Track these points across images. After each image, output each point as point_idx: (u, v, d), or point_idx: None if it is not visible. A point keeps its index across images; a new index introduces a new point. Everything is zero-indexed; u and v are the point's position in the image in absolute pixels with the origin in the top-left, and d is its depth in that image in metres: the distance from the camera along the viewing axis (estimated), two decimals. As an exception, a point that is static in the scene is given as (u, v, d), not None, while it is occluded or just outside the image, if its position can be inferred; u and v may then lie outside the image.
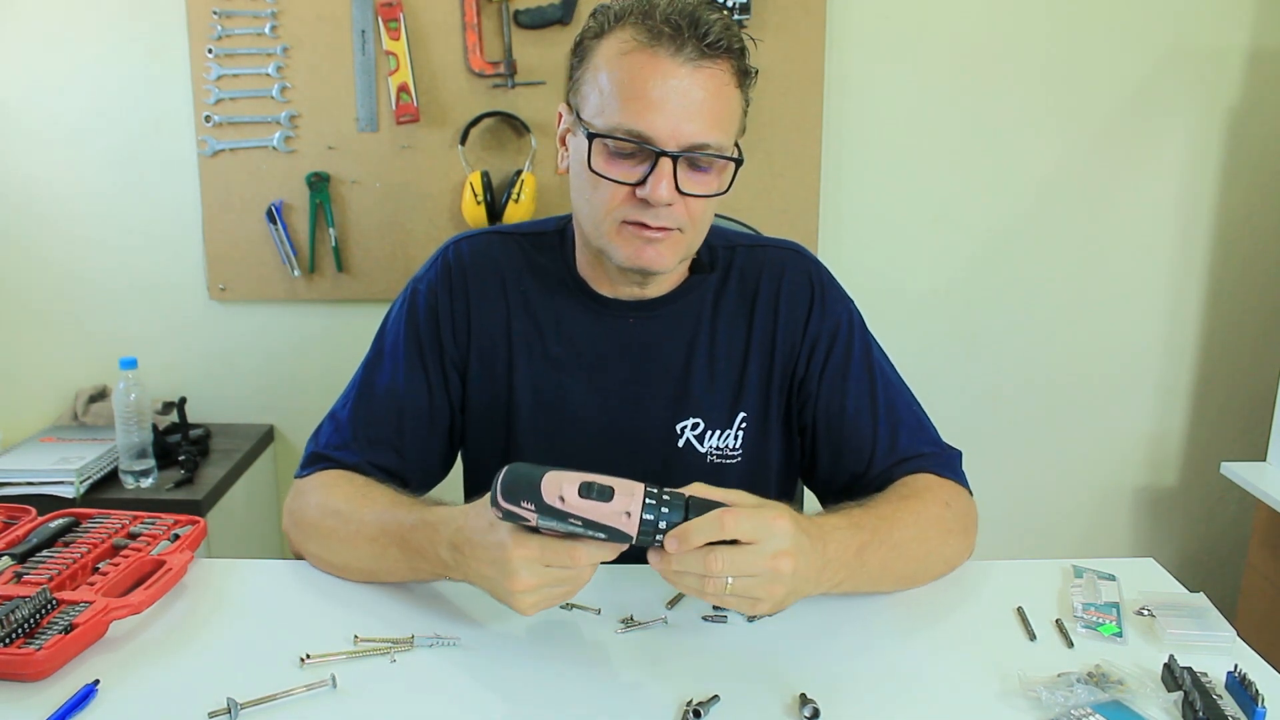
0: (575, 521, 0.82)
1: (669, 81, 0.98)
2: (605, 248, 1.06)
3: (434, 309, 1.17)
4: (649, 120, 0.98)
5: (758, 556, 0.83)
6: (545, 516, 0.83)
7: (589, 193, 1.04)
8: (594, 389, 1.15)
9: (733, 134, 1.04)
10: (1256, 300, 2.31)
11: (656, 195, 0.99)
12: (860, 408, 1.15)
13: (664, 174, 0.99)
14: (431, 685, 0.86)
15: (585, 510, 0.82)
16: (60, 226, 2.20)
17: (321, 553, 1.07)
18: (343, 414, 1.17)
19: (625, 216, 1.02)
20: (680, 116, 0.98)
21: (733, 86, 1.02)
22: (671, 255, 1.05)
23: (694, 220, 1.04)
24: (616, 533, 0.82)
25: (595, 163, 1.02)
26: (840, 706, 0.83)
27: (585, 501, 0.82)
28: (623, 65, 0.99)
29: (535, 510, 0.82)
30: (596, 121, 1.01)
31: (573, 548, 0.85)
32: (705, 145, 1.00)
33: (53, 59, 2.12)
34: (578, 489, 0.82)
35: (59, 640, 0.86)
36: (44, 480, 1.86)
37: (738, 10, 2.06)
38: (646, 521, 0.82)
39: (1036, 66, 2.17)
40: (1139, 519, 2.44)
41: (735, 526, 0.82)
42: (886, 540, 0.99)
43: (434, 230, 2.18)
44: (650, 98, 0.98)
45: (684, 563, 0.82)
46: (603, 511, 0.82)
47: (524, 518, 0.84)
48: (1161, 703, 0.84)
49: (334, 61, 2.12)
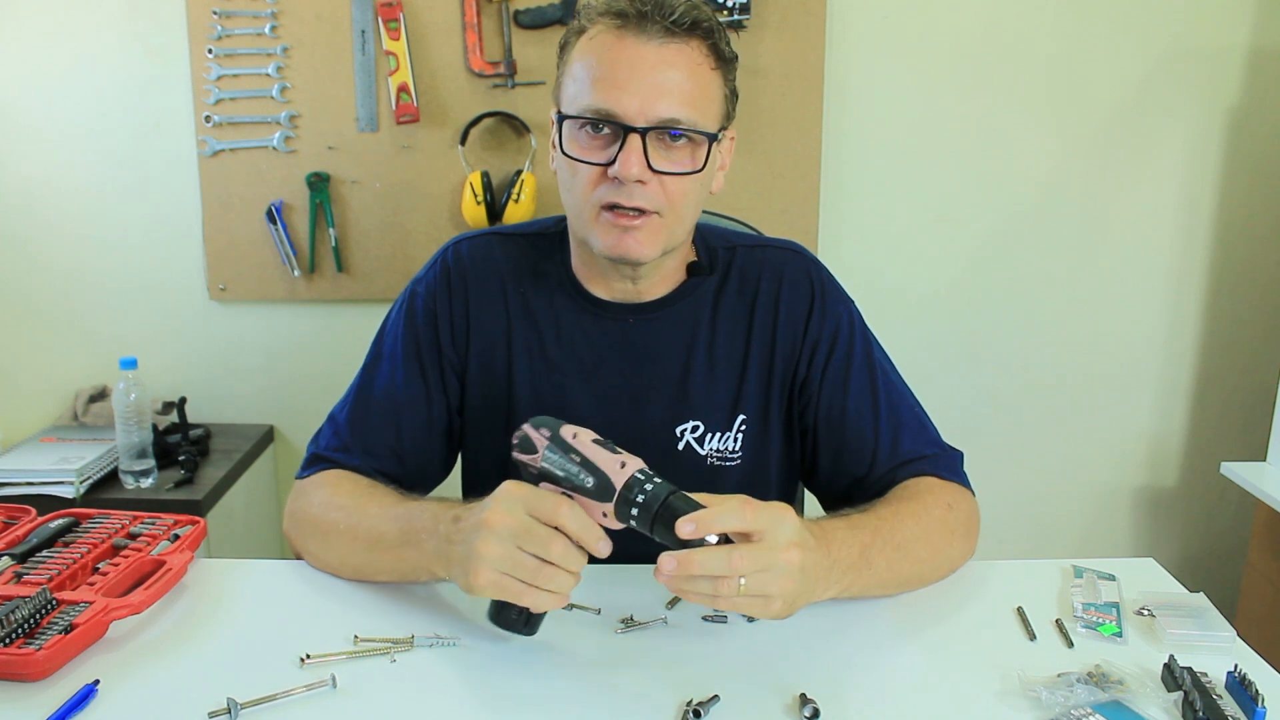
0: (575, 458, 0.88)
1: (635, 61, 0.99)
2: (588, 237, 1.07)
3: (433, 311, 1.17)
4: (615, 98, 0.99)
5: (770, 549, 0.82)
6: (552, 446, 0.89)
7: (569, 181, 1.06)
8: (593, 392, 1.15)
9: (709, 115, 1.04)
10: (1256, 300, 2.31)
11: (626, 171, 0.99)
12: (862, 409, 1.15)
13: (633, 149, 0.99)
14: (431, 685, 0.86)
15: (588, 450, 0.88)
16: (60, 226, 2.19)
17: (321, 550, 1.07)
18: (341, 416, 1.17)
19: (601, 200, 1.03)
20: (648, 93, 0.99)
21: (706, 67, 1.02)
22: (651, 243, 1.05)
23: (673, 203, 1.04)
24: (605, 481, 0.85)
25: (567, 145, 1.04)
26: (840, 706, 0.83)
27: (592, 445, 0.88)
28: (592, 50, 1.02)
29: (549, 439, 0.90)
30: (569, 109, 1.03)
31: (558, 499, 0.86)
32: (675, 120, 1.00)
33: (53, 59, 2.12)
34: (592, 437, 0.89)
35: (59, 640, 0.86)
36: (44, 480, 1.86)
37: (737, 10, 2.06)
38: (635, 480, 0.84)
39: (1037, 66, 2.17)
40: (1139, 519, 2.44)
41: (755, 518, 0.82)
42: (890, 540, 0.99)
43: (434, 230, 2.18)
44: (617, 77, 0.99)
45: (707, 562, 0.80)
46: (601, 456, 0.87)
47: (535, 445, 0.90)
48: (1161, 703, 0.84)
49: (334, 61, 2.12)
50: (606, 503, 0.86)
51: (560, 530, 0.85)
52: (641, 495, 0.84)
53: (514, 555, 0.85)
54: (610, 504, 0.86)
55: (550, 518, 0.85)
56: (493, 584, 0.86)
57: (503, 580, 0.86)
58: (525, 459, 0.91)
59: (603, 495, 0.86)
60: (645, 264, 1.08)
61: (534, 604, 0.87)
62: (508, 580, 0.86)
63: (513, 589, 0.86)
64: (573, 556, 0.86)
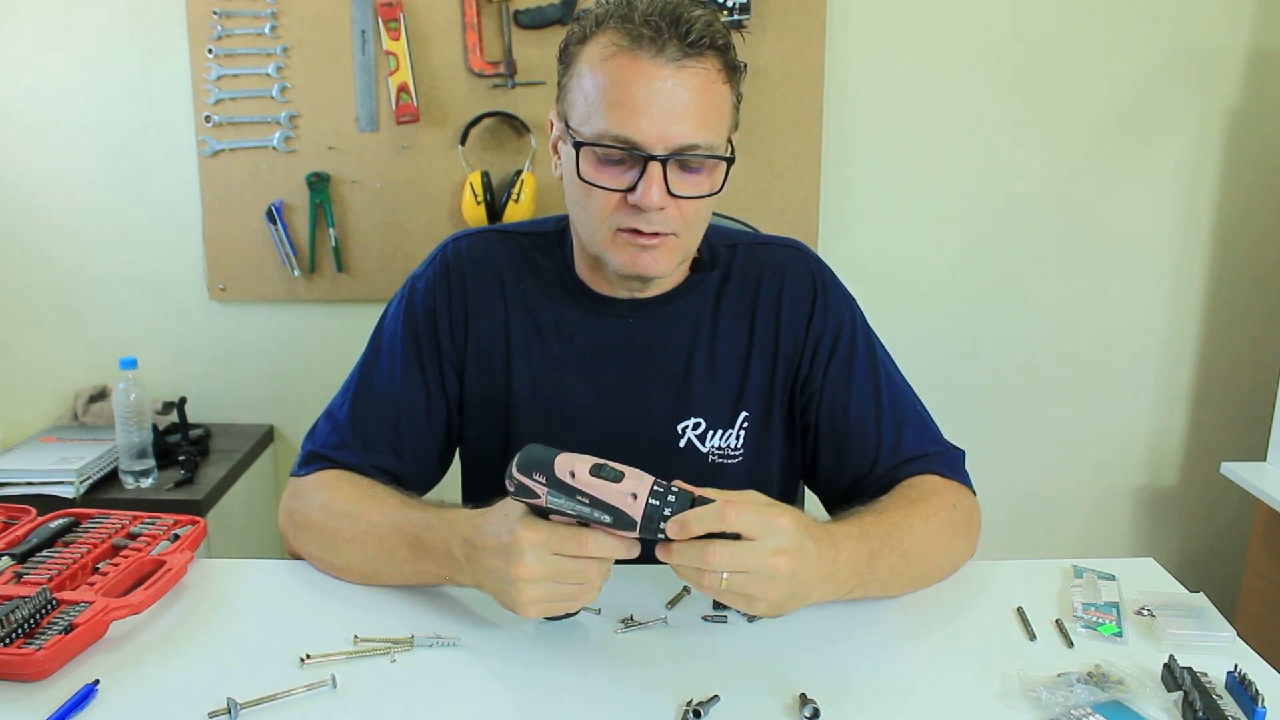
0: (583, 499, 0.83)
1: (653, 84, 0.97)
2: (602, 256, 1.06)
3: (432, 307, 1.17)
4: (635, 125, 0.97)
5: (756, 553, 0.83)
6: (555, 491, 0.84)
7: (583, 201, 1.04)
8: (594, 388, 1.15)
9: (723, 132, 1.03)
10: (1256, 300, 2.31)
11: (648, 201, 0.98)
12: (864, 407, 1.15)
13: (654, 178, 0.98)
14: (431, 685, 0.86)
15: (593, 488, 0.83)
16: (60, 226, 2.19)
17: (324, 554, 1.06)
18: (340, 413, 1.17)
19: (619, 224, 1.02)
20: (667, 119, 0.97)
21: (720, 83, 1.01)
22: (668, 260, 1.05)
23: (688, 223, 1.03)
24: (621, 516, 0.83)
25: (584, 171, 1.01)
26: (840, 706, 0.83)
27: (595, 479, 0.83)
28: (605, 70, 0.98)
29: (546, 484, 0.84)
30: (583, 129, 1.00)
31: (581, 533, 0.86)
32: (694, 146, 0.99)
33: (53, 58, 2.12)
34: (589, 468, 0.83)
35: (59, 640, 0.86)
36: (44, 480, 1.86)
37: (737, 10, 2.06)
38: (652, 506, 0.82)
39: (1037, 66, 2.17)
40: (1139, 519, 2.44)
41: (737, 519, 0.82)
42: (897, 547, 0.98)
43: (434, 230, 2.18)
44: (635, 102, 0.97)
45: (683, 554, 0.83)
46: (610, 491, 0.83)
47: (534, 491, 0.85)
48: (1161, 703, 0.84)
49: (334, 61, 2.12)
50: (630, 531, 0.85)
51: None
52: (664, 522, 0.83)
53: (554, 590, 0.88)
54: (634, 532, 0.85)
55: (578, 553, 0.86)
56: (542, 613, 0.91)
57: (550, 608, 0.90)
58: (528, 501, 0.88)
59: (624, 527, 0.84)
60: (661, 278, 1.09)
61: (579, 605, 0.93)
62: (553, 606, 0.90)
63: (559, 609, 0.92)
64: (606, 569, 0.90)
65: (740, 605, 0.86)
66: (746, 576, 0.83)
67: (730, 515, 0.82)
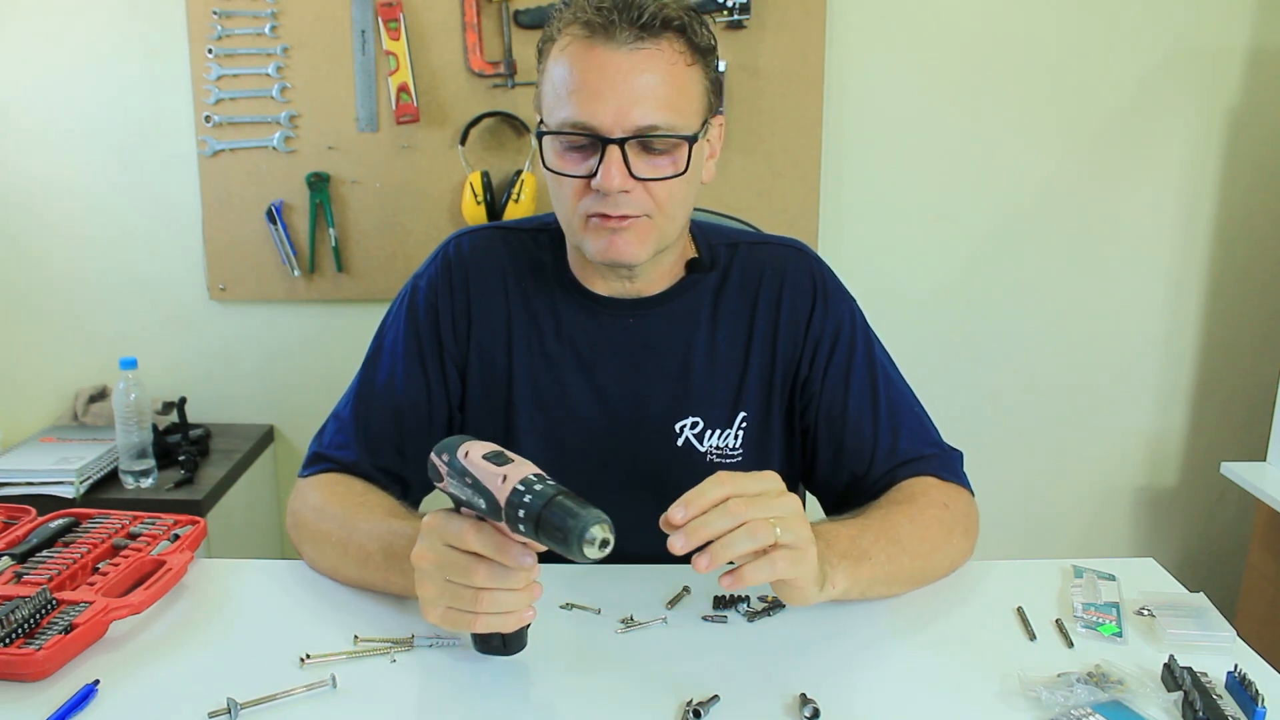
0: (468, 480, 0.81)
1: (606, 69, 0.98)
2: (580, 244, 1.07)
3: (434, 306, 1.17)
4: (591, 110, 0.98)
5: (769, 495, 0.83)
6: (452, 472, 0.83)
7: (556, 191, 1.06)
8: (593, 387, 1.15)
9: (689, 113, 1.02)
10: (1256, 300, 2.31)
11: (608, 183, 0.99)
12: (862, 408, 1.15)
13: (613, 161, 0.99)
14: (431, 685, 0.86)
15: (478, 469, 0.80)
16: (60, 226, 2.20)
17: (316, 556, 1.07)
18: (345, 413, 1.17)
19: (588, 210, 1.03)
20: (623, 101, 0.98)
21: (683, 64, 1.01)
22: (641, 244, 1.05)
23: (661, 205, 1.04)
24: (492, 500, 0.78)
25: (550, 160, 1.04)
26: (840, 706, 0.82)
27: (482, 462, 0.80)
28: (564, 61, 1.01)
29: (448, 465, 0.83)
30: (549, 120, 1.03)
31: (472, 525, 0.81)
32: (654, 127, 0.99)
33: (53, 59, 2.12)
34: (485, 453, 0.81)
35: (59, 640, 0.86)
36: (44, 480, 1.86)
37: (737, 10, 2.06)
38: (516, 492, 0.76)
39: (1037, 66, 2.17)
40: (1139, 519, 2.44)
41: (731, 481, 0.82)
42: (883, 535, 0.99)
43: (434, 230, 2.18)
44: (590, 88, 0.98)
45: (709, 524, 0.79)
46: (488, 474, 0.79)
47: (440, 473, 0.85)
48: (1161, 703, 0.84)
49: (334, 61, 2.12)
50: (501, 522, 0.78)
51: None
52: (523, 509, 0.75)
53: (448, 589, 0.83)
54: (501, 520, 0.78)
55: (463, 545, 0.81)
56: (442, 619, 0.84)
57: (449, 614, 0.83)
58: (439, 486, 0.86)
59: (496, 515, 0.78)
60: (638, 265, 1.08)
61: (488, 628, 0.84)
62: (453, 613, 0.83)
63: (462, 620, 0.83)
64: (503, 576, 0.82)
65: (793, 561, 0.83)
66: (783, 521, 0.82)
67: (724, 477, 0.81)
